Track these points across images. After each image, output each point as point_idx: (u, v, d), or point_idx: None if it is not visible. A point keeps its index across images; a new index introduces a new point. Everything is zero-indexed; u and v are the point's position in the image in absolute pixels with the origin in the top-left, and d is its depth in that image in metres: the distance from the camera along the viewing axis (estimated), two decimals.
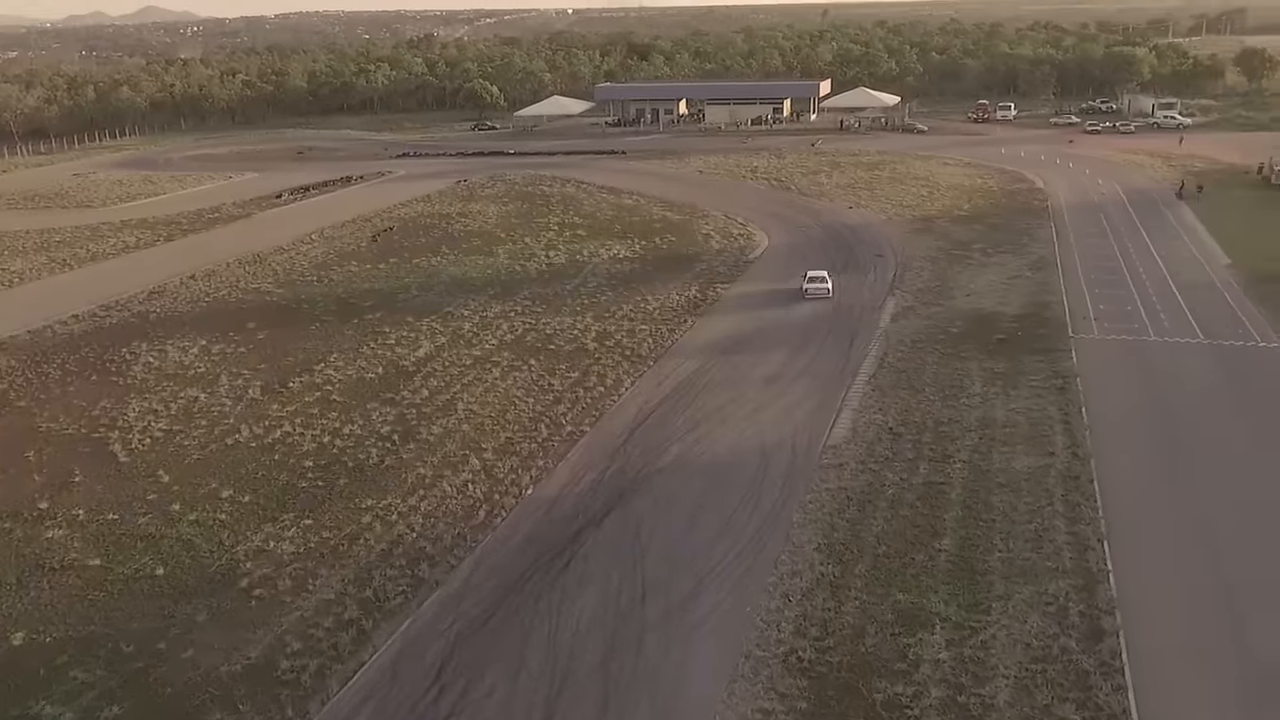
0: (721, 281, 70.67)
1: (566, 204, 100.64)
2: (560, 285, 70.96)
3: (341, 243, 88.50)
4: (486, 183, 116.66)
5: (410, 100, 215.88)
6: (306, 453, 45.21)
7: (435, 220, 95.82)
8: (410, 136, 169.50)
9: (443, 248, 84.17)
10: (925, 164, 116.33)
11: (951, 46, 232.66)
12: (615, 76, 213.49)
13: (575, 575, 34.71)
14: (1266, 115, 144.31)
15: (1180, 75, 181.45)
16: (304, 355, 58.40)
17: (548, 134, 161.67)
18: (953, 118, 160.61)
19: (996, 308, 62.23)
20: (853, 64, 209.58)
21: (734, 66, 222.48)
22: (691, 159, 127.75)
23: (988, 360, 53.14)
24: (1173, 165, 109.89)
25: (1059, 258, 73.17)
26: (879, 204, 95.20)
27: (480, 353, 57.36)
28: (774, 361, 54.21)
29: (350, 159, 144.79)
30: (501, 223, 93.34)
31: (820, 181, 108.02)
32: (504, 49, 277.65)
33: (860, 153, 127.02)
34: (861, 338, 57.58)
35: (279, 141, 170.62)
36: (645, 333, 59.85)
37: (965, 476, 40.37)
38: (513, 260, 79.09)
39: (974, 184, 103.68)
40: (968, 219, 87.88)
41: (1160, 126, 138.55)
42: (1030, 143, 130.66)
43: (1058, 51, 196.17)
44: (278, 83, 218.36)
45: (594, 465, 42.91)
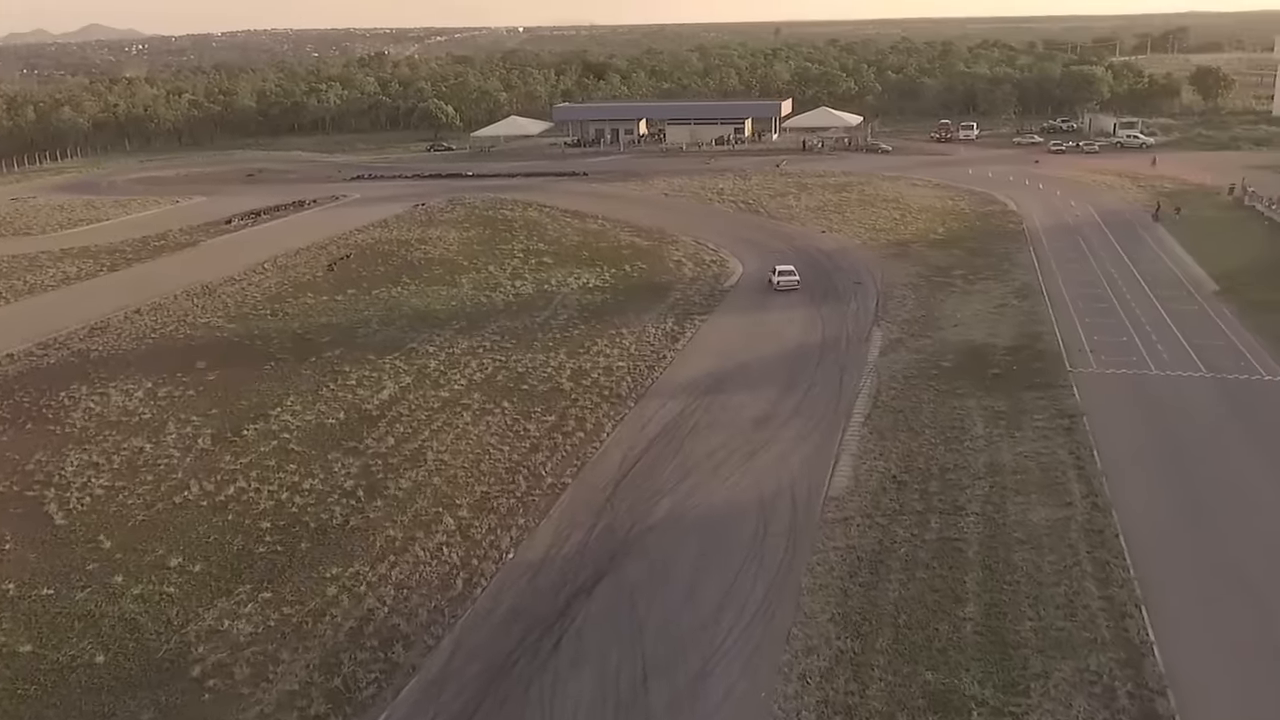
0: (698, 313, 67.68)
1: (530, 229, 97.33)
2: (530, 318, 67.60)
3: (296, 272, 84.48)
4: (446, 206, 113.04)
5: (363, 120, 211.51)
6: (263, 512, 41.42)
7: (394, 247, 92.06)
8: (364, 158, 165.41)
9: (403, 277, 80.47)
10: (894, 185, 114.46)
11: (907, 65, 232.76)
12: (572, 96, 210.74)
13: (568, 655, 31.35)
14: (1226, 134, 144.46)
15: (1137, 94, 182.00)
16: (258, 398, 54.51)
17: (506, 155, 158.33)
18: (915, 137, 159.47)
19: (987, 339, 59.78)
20: (811, 83, 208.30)
21: (691, 86, 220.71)
22: (655, 180, 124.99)
23: (986, 398, 50.54)
24: (1142, 186, 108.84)
25: (1044, 285, 71.05)
26: (852, 228, 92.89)
27: (449, 394, 53.83)
28: (762, 401, 51.22)
29: (302, 181, 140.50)
30: (464, 249, 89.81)
31: (789, 204, 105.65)
32: (457, 68, 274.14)
33: (826, 174, 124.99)
34: (851, 373, 54.80)
35: (228, 163, 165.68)
36: (623, 370, 56.65)
37: (981, 531, 37.54)
38: (478, 290, 75.60)
39: (946, 206, 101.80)
40: (944, 243, 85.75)
41: (1124, 146, 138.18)
42: (996, 163, 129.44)
43: (1016, 71, 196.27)
44: (226, 103, 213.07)
45: (579, 523, 39.57)
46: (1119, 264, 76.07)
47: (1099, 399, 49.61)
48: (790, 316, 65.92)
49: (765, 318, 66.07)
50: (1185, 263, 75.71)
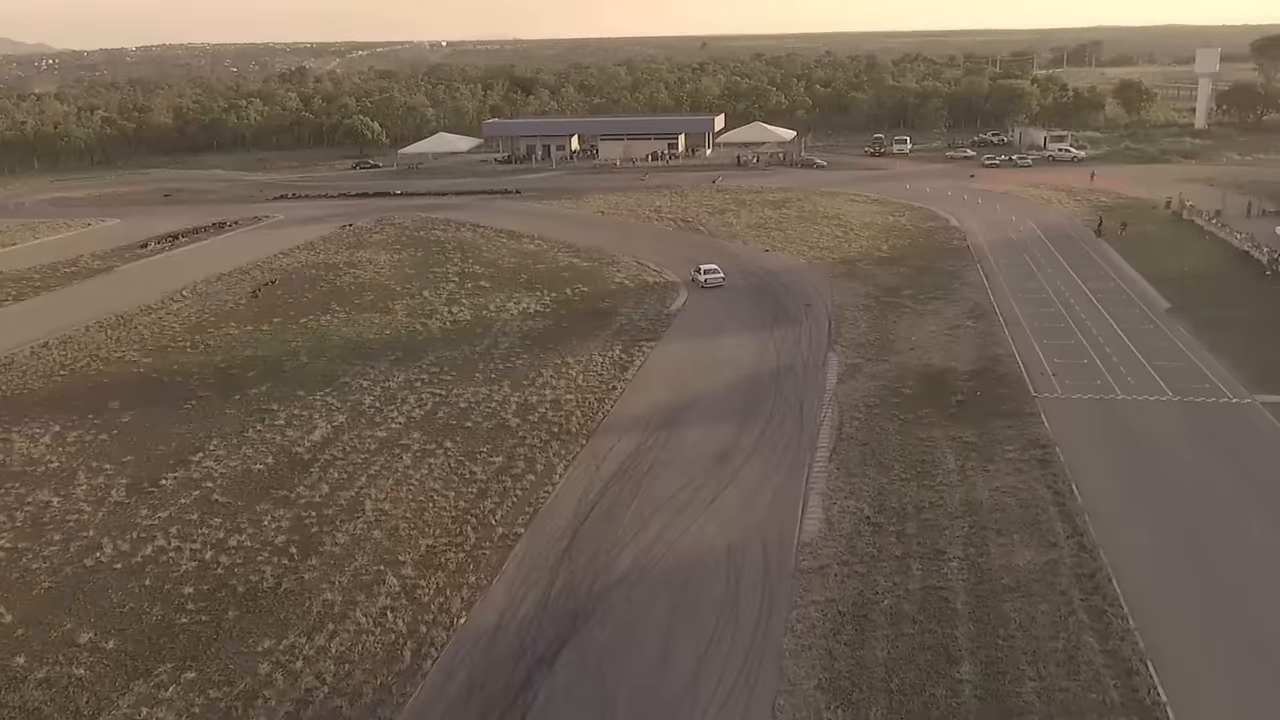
0: (646, 339, 64.88)
1: (464, 251, 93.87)
2: (469, 347, 64.22)
3: (217, 300, 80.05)
4: (374, 227, 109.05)
5: (285, 137, 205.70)
6: (185, 575, 37.61)
7: (322, 271, 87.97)
8: (287, 176, 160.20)
9: (333, 304, 76.56)
10: (832, 201, 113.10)
11: (835, 79, 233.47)
12: (501, 112, 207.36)
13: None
14: (1154, 147, 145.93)
15: (1062, 108, 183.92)
16: (178, 443, 50.46)
17: (435, 172, 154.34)
18: (848, 152, 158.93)
19: (947, 364, 57.87)
20: (741, 98, 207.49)
21: (622, 100, 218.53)
22: (590, 198, 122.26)
23: (953, 427, 48.48)
24: (1079, 200, 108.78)
25: (996, 304, 69.56)
26: (795, 246, 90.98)
27: (386, 434, 50.31)
28: (721, 435, 48.57)
29: (222, 202, 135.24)
30: (395, 273, 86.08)
31: (729, 221, 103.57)
32: (381, 83, 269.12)
33: (763, 190, 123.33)
34: (811, 403, 52.41)
35: (143, 183, 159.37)
36: (572, 403, 53.62)
37: (966, 579, 35.23)
38: (412, 318, 72.01)
39: (887, 222, 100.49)
40: (890, 261, 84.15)
41: (1055, 159, 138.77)
42: (932, 178, 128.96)
43: (944, 85, 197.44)
44: (140, 119, 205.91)
45: (536, 580, 36.46)
46: (1068, 281, 74.99)
47: (1069, 427, 47.81)
48: (742, 342, 63.46)
49: (716, 343, 63.50)
50: (1134, 280, 74.87)
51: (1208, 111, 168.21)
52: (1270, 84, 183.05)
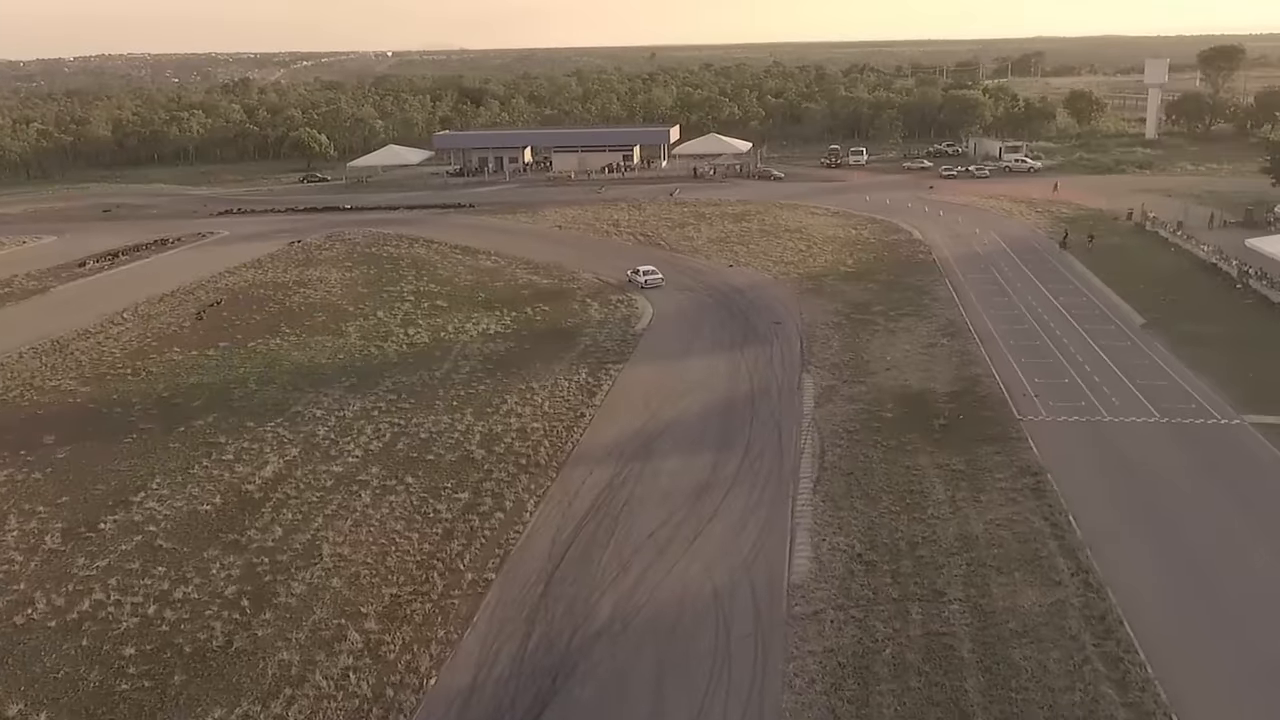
0: (612, 361, 62.44)
1: (419, 268, 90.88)
2: (428, 372, 61.36)
3: (160, 322, 76.43)
4: (324, 243, 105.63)
5: (229, 150, 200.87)
6: (126, 634, 34.54)
7: (270, 290, 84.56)
8: (232, 190, 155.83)
9: (282, 326, 73.31)
10: (793, 214, 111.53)
11: (786, 89, 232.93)
12: (451, 123, 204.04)
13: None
14: (1108, 157, 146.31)
15: (1014, 118, 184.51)
16: (118, 481, 47.18)
17: (385, 186, 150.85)
18: (803, 163, 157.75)
19: (925, 384, 56.06)
20: (694, 109, 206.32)
21: (573, 111, 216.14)
22: (546, 212, 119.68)
23: (939, 453, 46.58)
24: (1040, 212, 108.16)
25: (969, 321, 68.01)
26: (759, 261, 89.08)
27: (343, 469, 47.40)
28: (699, 466, 46.26)
29: (165, 217, 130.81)
30: (348, 292, 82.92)
31: (690, 236, 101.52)
32: (328, 94, 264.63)
33: (722, 202, 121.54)
34: (789, 429, 50.27)
35: (81, 198, 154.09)
36: (539, 432, 51.04)
37: (970, 623, 33.20)
38: (367, 340, 68.98)
39: (850, 236, 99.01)
40: (856, 276, 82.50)
41: (1011, 170, 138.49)
42: (890, 189, 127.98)
43: (897, 95, 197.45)
44: (78, 132, 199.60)
45: (510, 633, 33.87)
46: (1039, 296, 73.72)
47: (1059, 453, 46.10)
48: (713, 363, 61.25)
49: (686, 365, 61.23)
50: (1105, 294, 73.79)
51: (1158, 121, 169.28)
52: (1218, 94, 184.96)
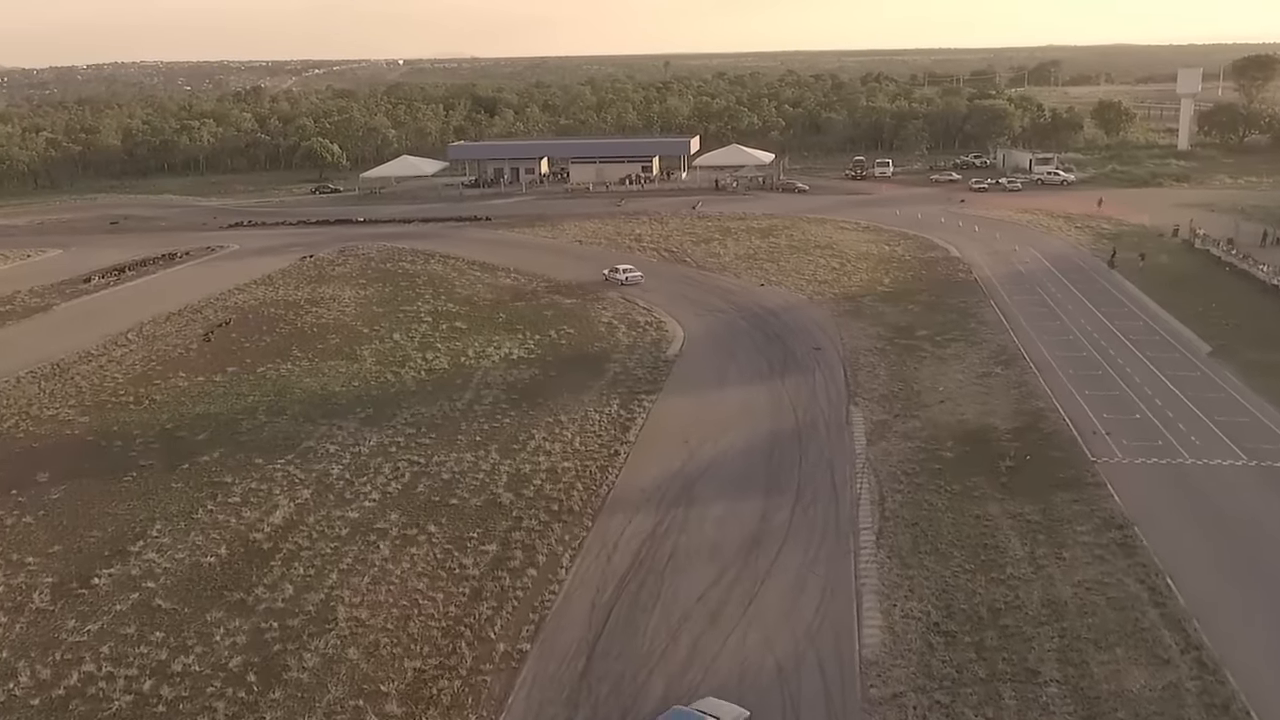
0: (645, 391, 58.56)
1: (436, 286, 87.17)
2: (448, 402, 57.54)
3: (166, 344, 72.84)
4: (337, 258, 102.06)
5: (240, 160, 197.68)
6: (118, 715, 30.71)
7: (281, 310, 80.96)
8: (242, 201, 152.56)
9: (293, 349, 69.63)
10: (822, 229, 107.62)
11: (805, 99, 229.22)
12: (465, 133, 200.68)
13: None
14: (1142, 170, 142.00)
15: (1039, 128, 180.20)
16: (115, 526, 43.46)
17: (398, 197, 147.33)
18: (827, 174, 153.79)
19: (984, 419, 52.05)
20: (712, 118, 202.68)
21: (589, 121, 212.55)
22: (565, 225, 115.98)
23: (1010, 501, 42.58)
24: (1079, 227, 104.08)
25: (1022, 347, 63.95)
26: (791, 279, 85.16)
27: (359, 515, 43.58)
28: (747, 514, 42.35)
29: (173, 230, 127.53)
30: (362, 312, 79.24)
31: (716, 252, 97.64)
32: (340, 102, 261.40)
33: (747, 216, 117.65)
34: (842, 470, 46.34)
35: (89, 209, 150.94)
36: (570, 473, 47.18)
37: (1074, 711, 29.19)
38: (383, 366, 65.20)
39: (883, 252, 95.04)
40: (895, 296, 78.51)
41: (1043, 183, 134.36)
42: (920, 202, 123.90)
43: (920, 105, 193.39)
44: (88, 141, 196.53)
45: (551, 717, 29.95)
46: (1093, 320, 69.62)
47: (1143, 501, 42.03)
48: (752, 394, 57.37)
49: (724, 396, 57.35)
50: (1163, 318, 69.68)
51: (1190, 133, 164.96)
52: (1251, 105, 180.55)
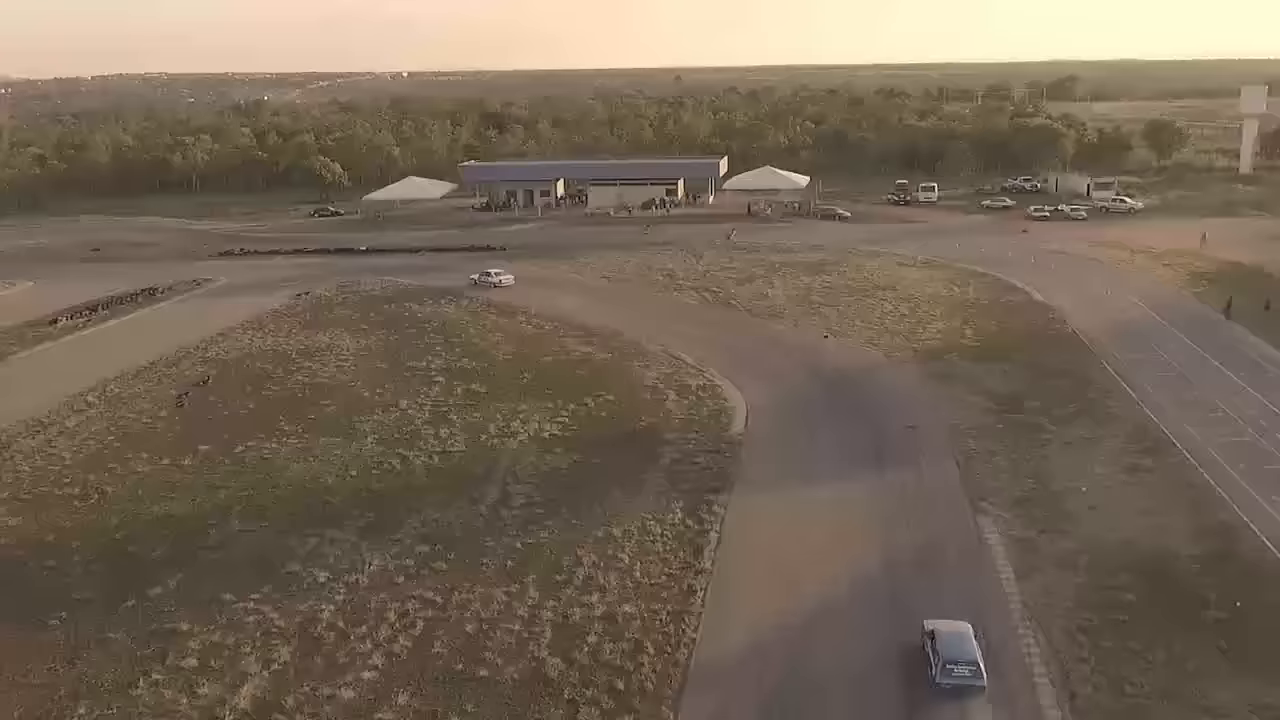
0: (712, 487, 47.13)
1: (448, 334, 75.86)
2: (469, 505, 46.12)
3: (131, 409, 61.59)
4: (336, 296, 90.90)
5: (236, 178, 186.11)
6: None
7: (269, 364, 69.74)
8: (236, 225, 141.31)
9: (280, 419, 58.31)
10: (878, 264, 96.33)
11: (829, 116, 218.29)
12: (475, 151, 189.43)
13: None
14: (1213, 197, 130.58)
15: (1083, 148, 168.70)
16: (22, 710, 31.96)
17: (404, 221, 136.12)
18: (864, 199, 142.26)
19: (1158, 540, 40.61)
20: (735, 136, 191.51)
21: (603, 138, 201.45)
22: (589, 258, 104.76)
23: (1243, 681, 31.39)
24: (1168, 264, 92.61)
25: (1165, 430, 52.42)
26: (858, 330, 73.80)
27: (354, 696, 32.19)
28: (880, 699, 30.88)
29: (158, 259, 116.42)
30: (363, 368, 67.93)
31: (765, 293, 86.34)
32: (343, 116, 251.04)
33: (790, 248, 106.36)
34: (998, 626, 34.88)
35: (70, 233, 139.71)
36: (635, 623, 35.77)
37: None
38: (387, 446, 53.76)
39: (956, 295, 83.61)
40: (986, 354, 67.08)
41: (1108, 210, 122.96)
42: (978, 232, 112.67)
43: (957, 124, 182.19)
44: (76, 158, 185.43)
45: None
46: (1238, 391, 58.08)
47: None
48: (848, 495, 45.97)
49: (812, 498, 45.91)
50: None
51: (1253, 155, 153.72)
52: None
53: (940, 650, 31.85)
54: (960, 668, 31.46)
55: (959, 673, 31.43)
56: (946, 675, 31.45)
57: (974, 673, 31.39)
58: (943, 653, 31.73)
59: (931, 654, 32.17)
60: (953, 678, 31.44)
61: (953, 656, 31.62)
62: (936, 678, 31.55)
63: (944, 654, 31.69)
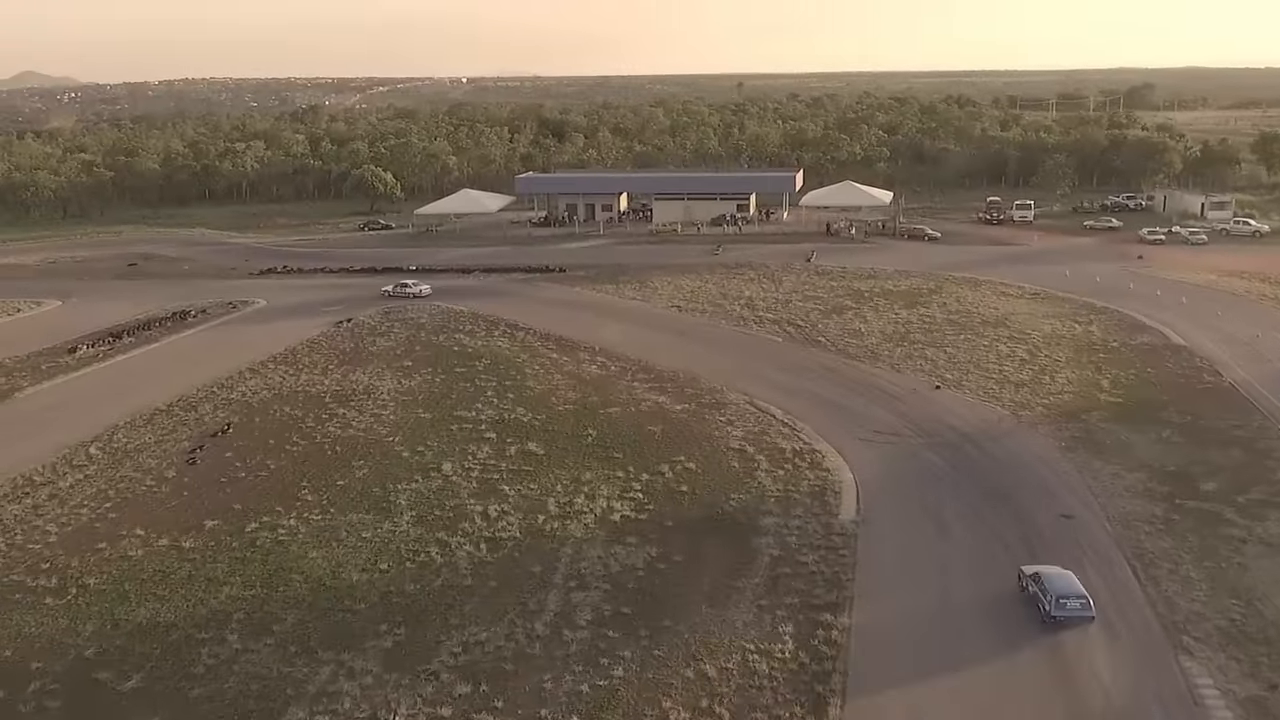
0: (825, 603, 37.44)
1: (502, 375, 66.89)
2: (522, 619, 36.89)
3: (136, 466, 53.37)
4: (380, 324, 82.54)
5: (287, 187, 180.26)
6: None
7: (299, 410, 61.31)
8: (282, 238, 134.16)
9: (303, 486, 49.68)
10: (980, 295, 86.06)
11: (902, 125, 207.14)
12: (532, 161, 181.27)
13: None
14: None
15: (1188, 163, 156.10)
16: None
17: (457, 237, 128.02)
18: (950, 216, 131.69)
19: None
20: (806, 146, 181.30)
21: (666, 147, 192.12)
22: (656, 281, 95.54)
23: None
24: None
25: None
26: (973, 378, 63.67)
27: None
28: None
29: (196, 276, 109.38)
30: (404, 418, 59.11)
31: (855, 328, 76.53)
32: (399, 123, 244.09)
33: (877, 273, 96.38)
34: None
35: (112, 245, 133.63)
36: None
37: None
38: (426, 528, 44.78)
39: (1078, 335, 73.15)
40: (1133, 414, 56.60)
41: (1229, 233, 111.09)
42: (1086, 258, 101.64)
43: (1048, 135, 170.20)
44: (127, 165, 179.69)
45: None
46: None
47: None
48: (1004, 619, 35.99)
49: (958, 627, 36.03)
50: None
51: None
52: None
53: (1049, 588, 35.51)
54: (1072, 601, 35.09)
55: (1071, 605, 34.99)
56: (1060, 608, 34.91)
57: (1084, 605, 35.09)
58: (1052, 590, 35.37)
59: (1040, 592, 35.76)
60: (1066, 610, 34.87)
61: (1063, 592, 35.25)
62: (1051, 610, 35.01)
63: (1054, 590, 35.33)
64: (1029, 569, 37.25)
